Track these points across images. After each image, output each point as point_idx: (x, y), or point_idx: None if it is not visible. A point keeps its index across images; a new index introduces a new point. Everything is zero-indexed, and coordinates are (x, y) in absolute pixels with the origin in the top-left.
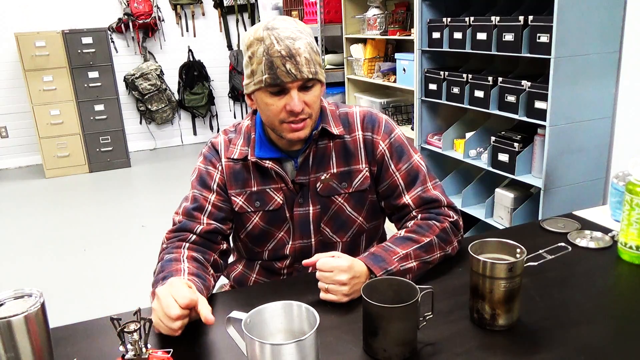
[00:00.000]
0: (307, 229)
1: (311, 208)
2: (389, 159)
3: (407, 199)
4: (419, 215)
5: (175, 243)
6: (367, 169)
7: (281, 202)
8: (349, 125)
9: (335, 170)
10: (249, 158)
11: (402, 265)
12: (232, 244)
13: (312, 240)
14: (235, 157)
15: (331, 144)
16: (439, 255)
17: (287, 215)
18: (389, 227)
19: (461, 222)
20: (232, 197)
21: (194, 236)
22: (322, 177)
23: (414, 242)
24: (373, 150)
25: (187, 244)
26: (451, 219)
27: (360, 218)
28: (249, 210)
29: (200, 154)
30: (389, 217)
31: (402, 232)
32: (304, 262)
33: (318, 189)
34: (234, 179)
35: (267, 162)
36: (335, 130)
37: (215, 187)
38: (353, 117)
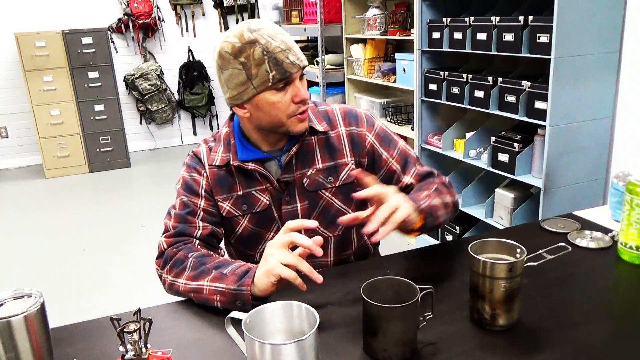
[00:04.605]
0: None
1: (299, 204)
2: (379, 148)
3: (407, 179)
4: None
5: (183, 246)
6: (352, 162)
7: (268, 202)
8: (331, 121)
9: (320, 166)
10: (231, 163)
11: (430, 200)
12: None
13: None
14: (217, 164)
15: (314, 140)
16: (450, 200)
17: (276, 214)
18: None
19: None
20: (219, 203)
21: (197, 240)
22: (309, 173)
23: (425, 189)
24: (360, 142)
25: (198, 247)
26: (444, 178)
27: (350, 211)
28: (237, 214)
29: (183, 164)
30: None
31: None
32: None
33: (305, 185)
34: (219, 184)
35: (250, 164)
36: (320, 127)
37: (202, 192)
38: (334, 114)
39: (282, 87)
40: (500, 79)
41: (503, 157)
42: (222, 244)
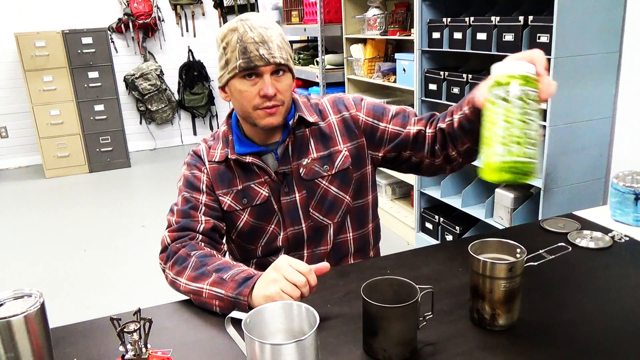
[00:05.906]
0: (297, 216)
1: (297, 195)
2: (374, 121)
3: (413, 128)
4: (439, 125)
5: (187, 242)
6: (345, 149)
7: (267, 194)
8: (321, 112)
9: (315, 155)
10: (229, 157)
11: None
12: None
13: (303, 226)
14: (217, 160)
15: (307, 131)
16: None
17: (275, 206)
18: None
19: None
20: (220, 198)
21: (200, 235)
22: (304, 163)
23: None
24: (355, 124)
25: (201, 244)
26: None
27: (347, 197)
28: (238, 208)
29: (184, 163)
30: (419, 170)
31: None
32: None
33: (302, 174)
34: (220, 179)
35: (247, 157)
36: (310, 118)
37: (204, 188)
38: (323, 106)
39: (251, 77)
40: None
41: None
42: (224, 239)
